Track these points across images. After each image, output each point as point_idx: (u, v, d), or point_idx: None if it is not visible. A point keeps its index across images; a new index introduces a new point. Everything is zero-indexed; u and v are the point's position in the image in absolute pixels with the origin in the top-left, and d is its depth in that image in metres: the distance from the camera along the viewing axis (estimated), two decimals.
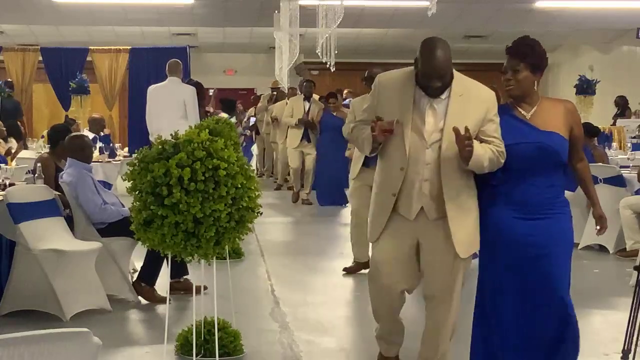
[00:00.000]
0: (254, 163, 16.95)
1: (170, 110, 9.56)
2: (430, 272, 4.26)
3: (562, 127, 4.12)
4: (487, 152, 4.00)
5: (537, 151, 4.05)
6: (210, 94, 16.10)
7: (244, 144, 16.97)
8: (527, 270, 4.09)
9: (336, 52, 10.66)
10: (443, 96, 4.08)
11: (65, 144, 6.73)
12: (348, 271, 7.57)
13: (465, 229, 4.13)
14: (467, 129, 3.93)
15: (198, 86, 10.37)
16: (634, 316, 4.42)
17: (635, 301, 4.44)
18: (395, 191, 4.14)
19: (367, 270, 6.90)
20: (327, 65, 10.85)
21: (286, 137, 13.20)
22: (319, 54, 10.98)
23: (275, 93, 15.98)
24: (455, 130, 3.91)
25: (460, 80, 4.14)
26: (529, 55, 4.09)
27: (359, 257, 7.55)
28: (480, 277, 4.28)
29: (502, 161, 4.06)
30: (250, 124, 17.09)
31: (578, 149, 4.24)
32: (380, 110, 4.15)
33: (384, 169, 4.24)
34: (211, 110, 12.89)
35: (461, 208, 4.10)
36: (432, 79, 4.03)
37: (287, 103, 13.44)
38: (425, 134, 4.07)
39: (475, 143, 3.96)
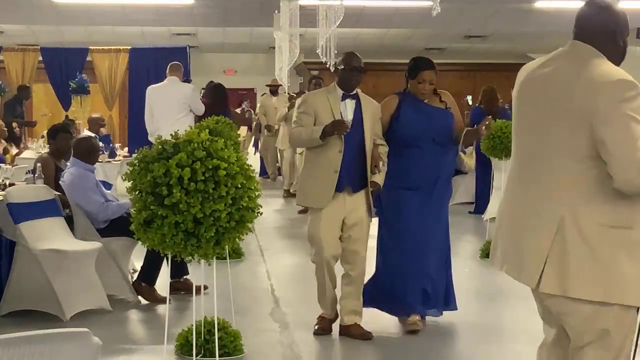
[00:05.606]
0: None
1: (170, 110, 9.56)
2: None
3: None
4: None
5: None
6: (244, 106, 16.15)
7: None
8: None
9: (336, 52, 10.62)
10: None
11: (73, 145, 6.79)
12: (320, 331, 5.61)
13: None
14: None
15: (219, 88, 10.34)
16: None
17: None
18: None
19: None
20: (327, 65, 10.80)
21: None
22: (319, 54, 10.94)
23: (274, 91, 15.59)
24: None
25: None
26: None
27: (330, 313, 5.69)
28: None
29: None
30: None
31: None
32: None
33: None
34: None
35: None
36: None
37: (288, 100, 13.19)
38: None
39: None
